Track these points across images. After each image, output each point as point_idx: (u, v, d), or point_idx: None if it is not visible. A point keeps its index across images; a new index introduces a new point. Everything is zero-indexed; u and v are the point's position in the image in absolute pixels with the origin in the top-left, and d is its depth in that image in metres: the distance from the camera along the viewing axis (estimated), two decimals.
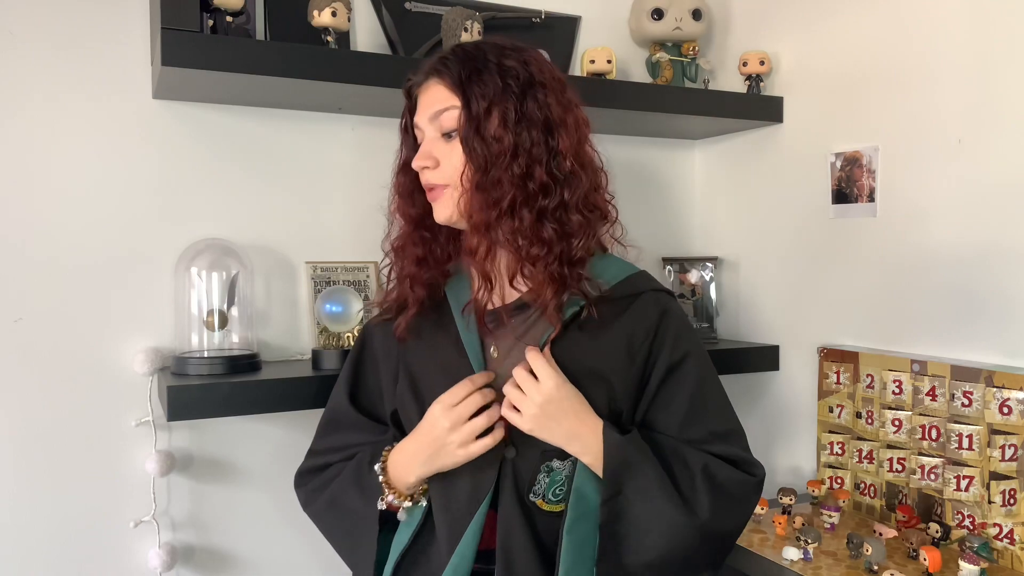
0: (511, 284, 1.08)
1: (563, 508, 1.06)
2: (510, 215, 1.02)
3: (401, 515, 1.11)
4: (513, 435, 1.06)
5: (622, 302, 1.10)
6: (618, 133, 1.85)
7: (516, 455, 1.06)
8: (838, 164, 1.61)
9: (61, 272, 1.39)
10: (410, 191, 1.13)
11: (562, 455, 1.06)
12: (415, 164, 1.07)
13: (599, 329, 1.08)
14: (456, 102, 1.03)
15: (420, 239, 1.13)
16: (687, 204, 1.98)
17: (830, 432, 1.60)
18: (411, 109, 1.12)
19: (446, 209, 1.07)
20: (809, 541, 1.30)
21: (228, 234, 1.50)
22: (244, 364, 1.38)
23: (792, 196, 1.73)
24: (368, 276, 1.60)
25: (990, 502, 1.31)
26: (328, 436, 1.22)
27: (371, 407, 1.21)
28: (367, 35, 1.61)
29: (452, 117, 1.04)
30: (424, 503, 1.10)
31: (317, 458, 1.22)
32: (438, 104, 1.05)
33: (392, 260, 1.17)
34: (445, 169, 1.06)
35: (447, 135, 1.05)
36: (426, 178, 1.07)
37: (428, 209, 1.11)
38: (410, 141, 1.13)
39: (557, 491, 1.07)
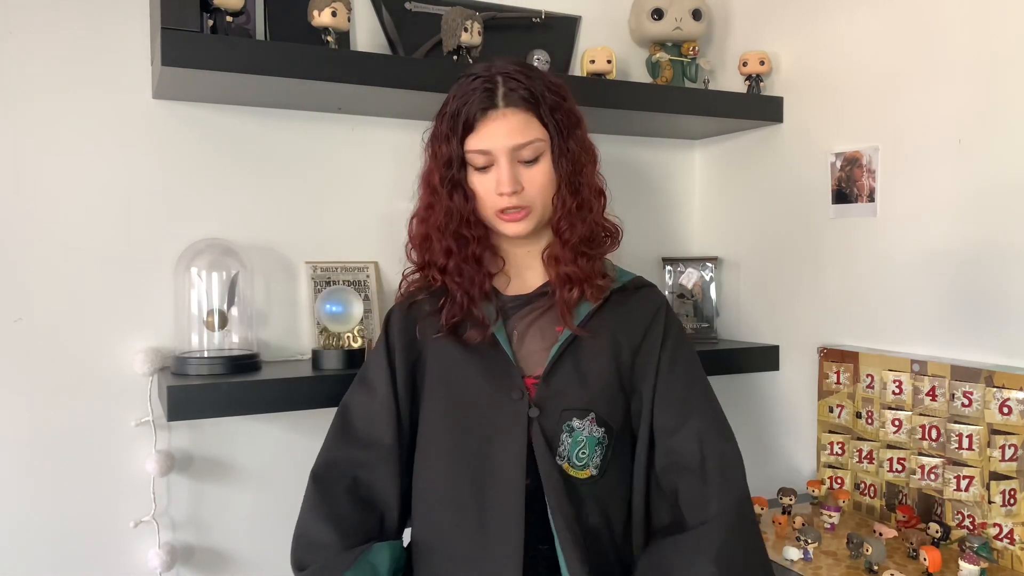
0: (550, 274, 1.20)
1: (588, 475, 1.13)
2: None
3: None
4: (536, 396, 1.13)
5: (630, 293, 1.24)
6: (618, 133, 1.85)
7: (540, 414, 1.12)
8: (838, 164, 1.61)
9: (61, 272, 1.39)
10: (472, 207, 1.17)
11: (581, 414, 1.13)
12: (503, 189, 1.13)
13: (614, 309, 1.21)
14: (541, 133, 1.14)
15: (490, 252, 1.21)
16: (687, 204, 1.98)
17: (830, 432, 1.60)
18: (467, 129, 1.14)
19: (523, 229, 1.16)
20: (809, 541, 1.30)
21: (228, 234, 1.50)
22: (244, 364, 1.38)
23: (792, 196, 1.73)
24: (368, 276, 1.60)
25: (990, 502, 1.31)
26: (355, 437, 1.21)
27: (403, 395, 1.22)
28: (367, 35, 1.61)
29: (537, 148, 1.13)
30: None
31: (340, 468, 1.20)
32: (522, 135, 1.12)
33: (447, 274, 1.18)
34: (529, 192, 1.14)
35: (529, 162, 1.14)
36: (511, 202, 1.13)
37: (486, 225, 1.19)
38: (459, 157, 1.15)
39: (580, 454, 1.13)
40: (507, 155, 1.12)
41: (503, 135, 1.12)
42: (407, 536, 1.22)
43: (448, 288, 1.19)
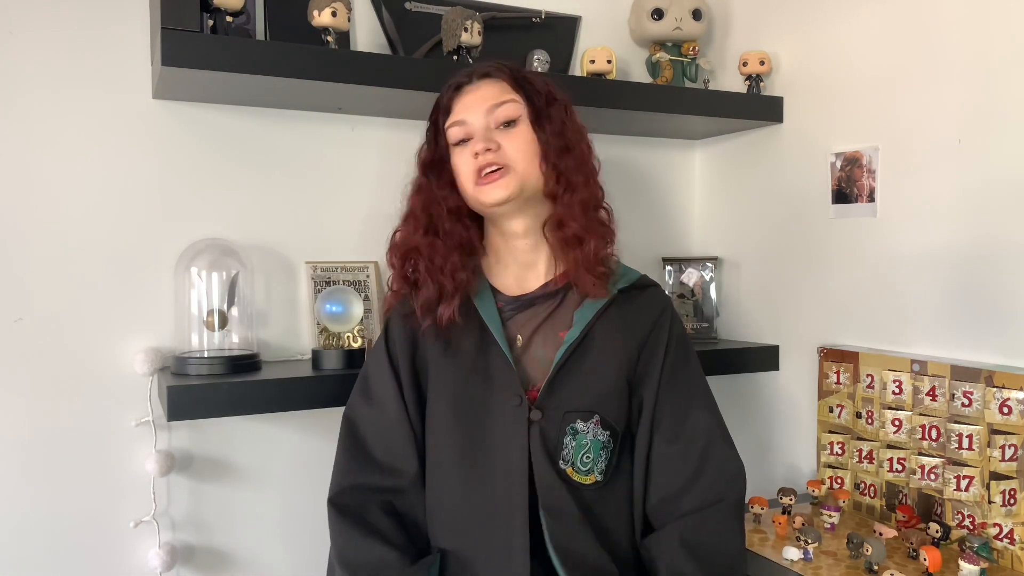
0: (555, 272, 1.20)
1: (593, 480, 1.13)
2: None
3: None
4: (538, 399, 1.13)
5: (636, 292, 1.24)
6: (618, 133, 1.85)
7: (541, 417, 1.12)
8: (838, 164, 1.61)
9: (61, 272, 1.39)
10: (448, 183, 1.18)
11: (585, 416, 1.13)
12: (477, 147, 1.13)
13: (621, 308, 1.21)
14: (515, 96, 1.15)
15: (461, 226, 1.19)
16: (687, 204, 1.98)
17: (830, 432, 1.60)
18: (444, 114, 1.18)
19: (503, 191, 1.13)
20: (809, 541, 1.30)
21: (228, 234, 1.50)
22: (244, 364, 1.38)
23: (792, 196, 1.73)
24: (368, 276, 1.60)
25: (990, 502, 1.31)
26: (370, 461, 1.19)
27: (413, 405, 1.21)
28: (367, 35, 1.61)
29: (512, 108, 1.15)
30: None
31: (361, 495, 1.17)
32: (496, 98, 1.15)
33: (419, 254, 1.17)
34: (507, 151, 1.14)
35: (506, 124, 1.15)
36: (487, 159, 1.13)
37: (462, 201, 1.18)
38: (437, 143, 1.19)
39: (584, 458, 1.12)
40: (481, 118, 1.15)
41: (476, 102, 1.16)
42: None
43: (419, 276, 1.17)
